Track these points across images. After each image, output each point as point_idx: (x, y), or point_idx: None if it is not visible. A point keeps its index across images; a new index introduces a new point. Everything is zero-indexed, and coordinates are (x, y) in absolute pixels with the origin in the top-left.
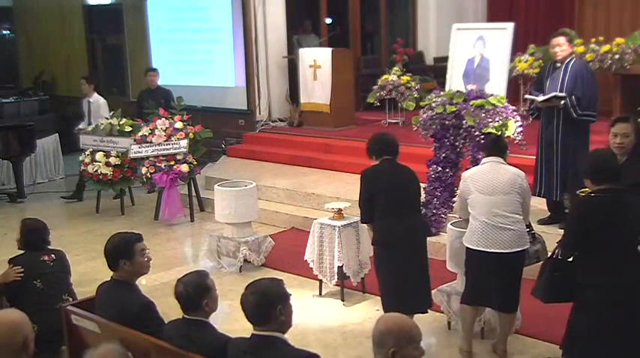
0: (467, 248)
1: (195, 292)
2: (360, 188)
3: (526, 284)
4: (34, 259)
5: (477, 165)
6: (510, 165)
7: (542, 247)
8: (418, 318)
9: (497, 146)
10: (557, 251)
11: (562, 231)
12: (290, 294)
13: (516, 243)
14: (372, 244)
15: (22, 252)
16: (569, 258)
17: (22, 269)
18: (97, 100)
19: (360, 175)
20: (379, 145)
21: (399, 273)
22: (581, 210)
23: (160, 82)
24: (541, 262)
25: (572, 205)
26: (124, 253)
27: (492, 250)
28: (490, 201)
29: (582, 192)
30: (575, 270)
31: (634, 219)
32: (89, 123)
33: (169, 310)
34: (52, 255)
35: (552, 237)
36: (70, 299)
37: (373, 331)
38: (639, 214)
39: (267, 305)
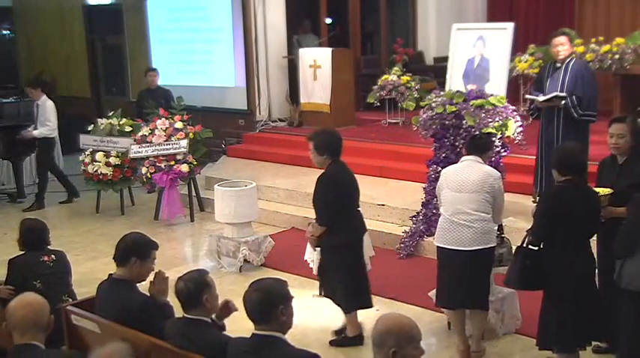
0: (437, 247)
1: (196, 288)
2: (330, 191)
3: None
4: (33, 260)
5: None
6: (510, 165)
7: (507, 251)
8: (418, 318)
9: (475, 145)
10: (526, 240)
11: None
12: (292, 296)
13: (476, 241)
14: (327, 246)
15: (22, 252)
16: (538, 247)
17: (13, 288)
18: (44, 103)
19: (324, 178)
20: (338, 144)
21: (362, 270)
22: (549, 200)
23: (160, 82)
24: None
25: (542, 196)
26: (140, 252)
27: (453, 247)
28: (456, 197)
29: None
30: (544, 259)
31: (592, 209)
32: (35, 127)
33: None
34: (52, 256)
35: None
36: (70, 300)
37: (372, 331)
38: (597, 205)
39: (270, 304)
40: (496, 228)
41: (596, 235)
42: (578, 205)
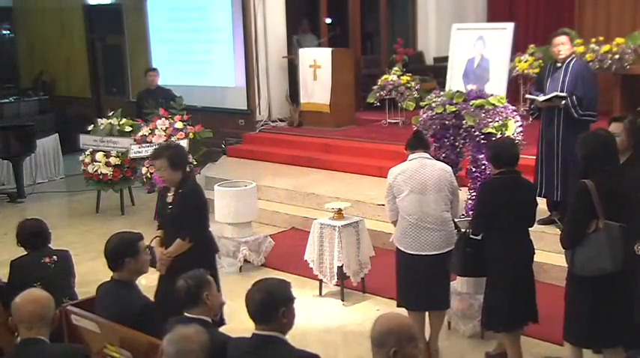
0: (398, 249)
1: (196, 285)
2: (200, 206)
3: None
4: (34, 261)
5: (478, 165)
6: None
7: None
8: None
9: (421, 140)
10: (468, 229)
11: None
12: (295, 298)
13: (446, 244)
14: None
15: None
16: (479, 236)
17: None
18: None
19: (190, 193)
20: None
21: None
22: (487, 191)
23: (160, 82)
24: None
25: (480, 188)
26: (130, 251)
27: (424, 253)
28: (422, 200)
29: None
30: (484, 247)
31: (529, 199)
32: None
33: None
34: (54, 257)
35: (552, 237)
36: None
37: (372, 332)
38: (533, 194)
39: (271, 305)
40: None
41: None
42: (515, 195)
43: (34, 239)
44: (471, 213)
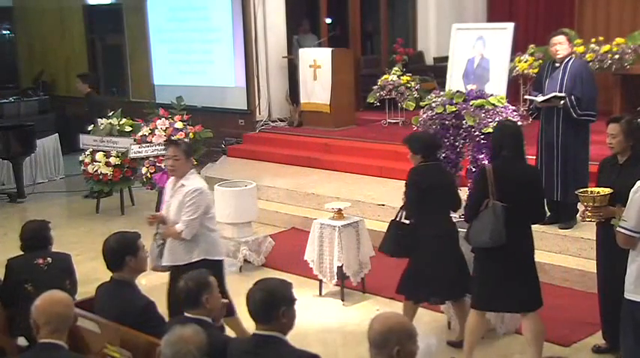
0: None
1: (196, 287)
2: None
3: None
4: (27, 262)
5: (478, 165)
6: None
7: None
8: (418, 318)
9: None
10: (399, 214)
11: (562, 231)
12: (296, 299)
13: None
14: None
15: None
16: (409, 219)
17: None
18: None
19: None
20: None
21: None
22: (417, 177)
23: (160, 82)
24: None
25: (409, 176)
26: (129, 249)
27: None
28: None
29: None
30: (413, 229)
31: (450, 183)
32: None
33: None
34: (48, 259)
35: (552, 236)
36: None
37: (371, 333)
38: (452, 179)
39: (272, 304)
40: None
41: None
42: (438, 180)
43: (31, 241)
44: None
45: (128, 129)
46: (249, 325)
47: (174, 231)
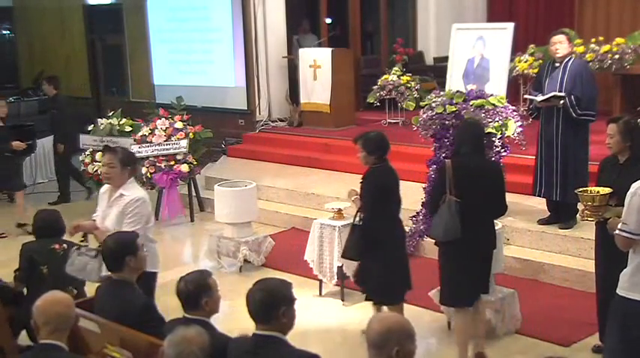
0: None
1: (196, 289)
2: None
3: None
4: (43, 246)
5: None
6: (510, 165)
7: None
8: (418, 318)
9: None
10: (356, 218)
11: (562, 231)
12: (295, 299)
13: None
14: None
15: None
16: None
17: None
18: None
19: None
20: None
21: None
22: (381, 179)
23: (160, 82)
24: None
25: (367, 179)
26: (129, 249)
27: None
28: None
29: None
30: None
31: (398, 182)
32: None
33: (169, 310)
34: (64, 245)
35: (552, 236)
36: (76, 291)
37: (369, 333)
38: (398, 179)
39: (272, 304)
40: None
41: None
42: (395, 180)
43: (45, 229)
44: None
45: (128, 129)
46: (249, 325)
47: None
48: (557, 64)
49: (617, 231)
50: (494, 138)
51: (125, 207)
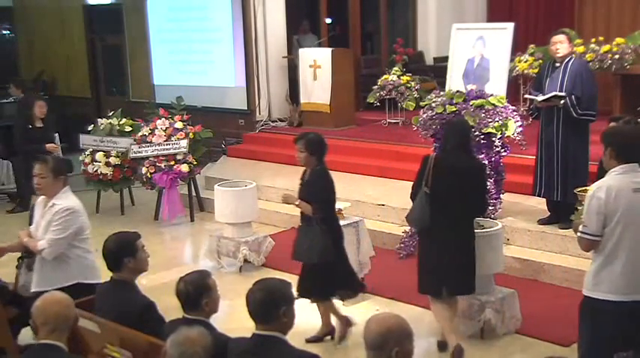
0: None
1: (196, 290)
2: None
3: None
4: None
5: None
6: (510, 165)
7: None
8: (418, 318)
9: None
10: (313, 221)
11: (562, 231)
12: (295, 298)
13: None
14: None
15: None
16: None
17: None
18: None
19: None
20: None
21: None
22: (329, 182)
23: (160, 82)
24: None
25: (322, 178)
26: (127, 251)
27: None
28: None
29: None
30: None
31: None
32: None
33: (169, 310)
34: None
35: (552, 236)
36: None
37: (368, 334)
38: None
39: (272, 304)
40: None
41: None
42: (332, 182)
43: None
44: None
45: (128, 129)
46: (249, 325)
47: (35, 245)
48: (557, 64)
49: (578, 234)
50: (494, 138)
51: (53, 215)
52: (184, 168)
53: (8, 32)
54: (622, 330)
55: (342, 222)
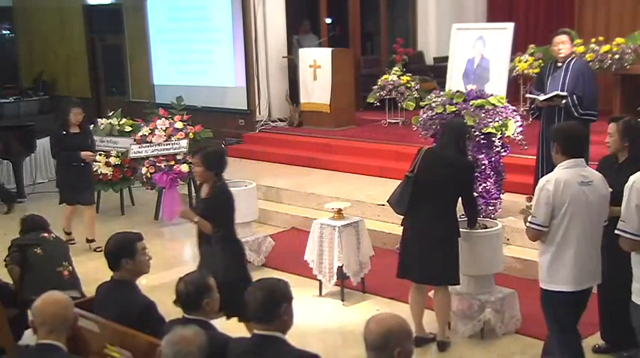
0: None
1: (196, 290)
2: None
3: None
4: (35, 235)
5: (478, 165)
6: (510, 165)
7: None
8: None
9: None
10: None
11: None
12: (293, 297)
13: None
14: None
15: None
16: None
17: None
18: None
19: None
20: None
21: None
22: (227, 197)
23: (160, 82)
24: None
25: (223, 193)
26: (126, 252)
27: None
28: None
29: None
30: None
31: None
32: None
33: (169, 310)
34: (52, 235)
35: None
36: (71, 267)
37: (368, 335)
38: None
39: (274, 302)
40: None
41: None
42: (232, 200)
43: (30, 225)
44: None
45: (128, 129)
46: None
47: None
48: (559, 64)
49: (527, 224)
50: (494, 138)
51: None
52: (184, 168)
53: (8, 32)
54: (577, 313)
55: (342, 222)
